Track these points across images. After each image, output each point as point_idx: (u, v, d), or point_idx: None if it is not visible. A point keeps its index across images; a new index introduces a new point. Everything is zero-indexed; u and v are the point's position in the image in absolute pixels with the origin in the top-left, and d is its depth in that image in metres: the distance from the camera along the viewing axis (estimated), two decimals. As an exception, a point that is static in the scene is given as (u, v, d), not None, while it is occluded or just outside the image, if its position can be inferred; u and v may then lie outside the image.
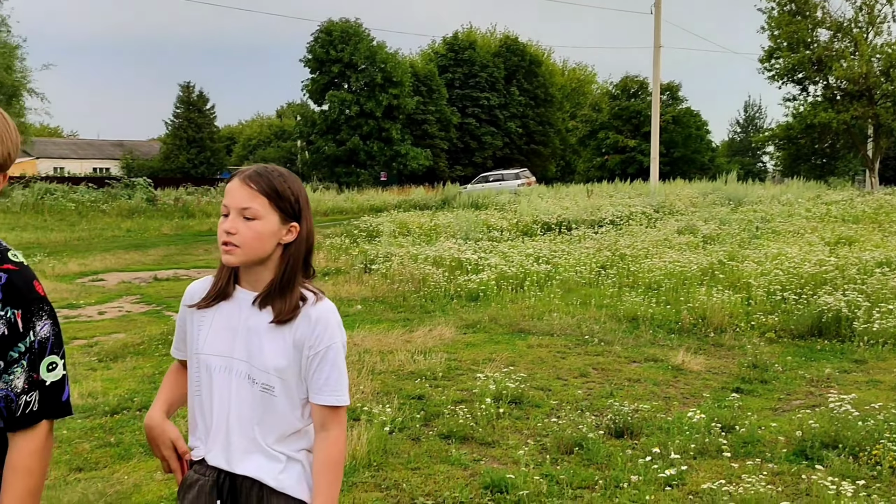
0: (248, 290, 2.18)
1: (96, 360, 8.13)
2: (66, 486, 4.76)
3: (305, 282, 2.21)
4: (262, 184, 2.11)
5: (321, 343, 2.13)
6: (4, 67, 33.93)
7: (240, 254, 2.10)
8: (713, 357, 7.85)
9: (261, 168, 2.16)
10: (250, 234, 2.09)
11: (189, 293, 2.27)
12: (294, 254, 2.18)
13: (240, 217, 2.09)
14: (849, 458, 4.86)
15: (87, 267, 16.53)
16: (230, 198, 2.11)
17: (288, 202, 2.14)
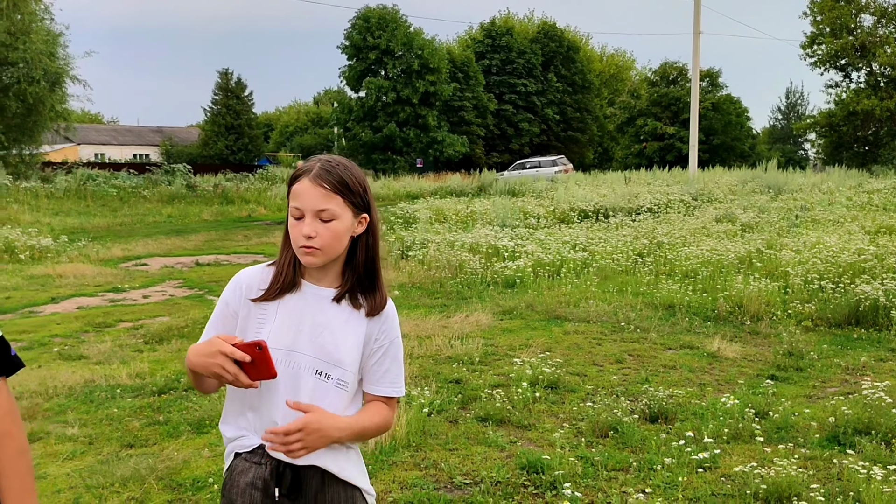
0: (313, 284, 2.15)
1: (143, 343, 8.37)
2: (118, 462, 4.96)
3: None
4: (334, 182, 2.06)
5: (387, 337, 2.17)
6: (48, 55, 34.38)
7: (321, 255, 2.08)
8: (749, 345, 7.88)
9: (326, 164, 2.09)
10: (330, 235, 2.06)
11: (245, 283, 2.17)
12: (373, 244, 2.17)
13: (316, 219, 2.05)
14: (881, 444, 4.91)
15: (130, 252, 16.87)
16: (304, 200, 2.06)
17: (358, 195, 2.11)
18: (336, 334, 2.11)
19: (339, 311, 2.14)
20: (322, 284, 2.16)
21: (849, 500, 4.07)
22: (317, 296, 2.14)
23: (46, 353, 7.97)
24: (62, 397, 6.37)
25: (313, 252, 2.06)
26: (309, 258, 2.07)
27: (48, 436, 5.47)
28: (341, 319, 2.13)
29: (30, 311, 10.36)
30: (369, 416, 2.16)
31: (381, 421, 2.17)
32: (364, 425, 2.13)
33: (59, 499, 4.45)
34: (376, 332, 2.16)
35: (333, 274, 2.16)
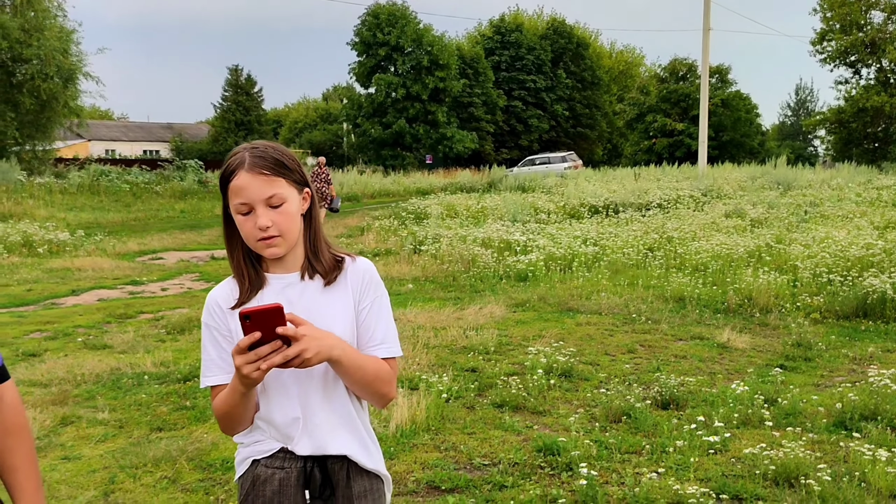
0: (282, 274, 2.07)
1: (164, 333, 8.57)
2: (149, 444, 5.15)
3: (332, 244, 2.15)
4: (271, 165, 1.98)
5: (369, 294, 2.09)
6: (61, 51, 34.59)
7: (283, 243, 1.99)
8: (758, 336, 8.03)
9: (255, 150, 2.00)
10: (285, 220, 1.98)
11: (219, 299, 2.08)
12: (315, 215, 2.11)
13: (267, 208, 1.96)
14: (886, 429, 5.07)
15: (145, 246, 17.09)
16: (249, 192, 1.95)
17: (297, 171, 2.04)
18: (325, 314, 2.02)
19: (316, 288, 2.06)
20: (290, 271, 2.08)
21: (854, 481, 4.23)
22: (290, 284, 2.06)
23: (71, 342, 8.17)
24: (90, 384, 6.56)
25: (274, 241, 1.97)
26: (272, 250, 1.99)
27: (80, 420, 5.66)
28: (322, 293, 2.06)
29: (52, 303, 10.57)
30: (366, 356, 2.04)
31: (378, 367, 2.04)
32: (363, 360, 2.01)
33: (95, 478, 4.64)
34: (359, 294, 2.08)
35: (297, 256, 2.08)
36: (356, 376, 1.99)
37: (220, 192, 2.04)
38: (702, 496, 4.06)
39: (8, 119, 33.19)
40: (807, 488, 4.13)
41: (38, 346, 7.99)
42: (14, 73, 33.42)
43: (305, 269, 2.07)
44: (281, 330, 1.79)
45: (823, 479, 4.19)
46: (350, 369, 1.96)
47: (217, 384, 2.03)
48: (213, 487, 4.49)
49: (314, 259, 2.07)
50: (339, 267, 2.09)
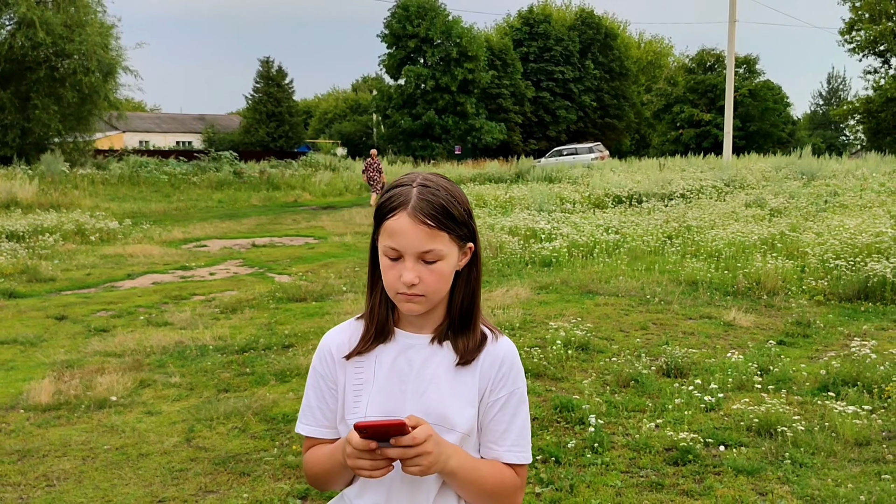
0: (412, 333, 1.83)
1: (218, 312, 9.40)
2: (218, 401, 5.96)
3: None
4: (439, 216, 1.71)
5: (506, 387, 1.80)
6: (102, 46, 35.67)
7: (425, 303, 1.75)
8: (763, 316, 8.70)
9: (425, 192, 1.73)
10: (435, 280, 1.73)
11: (333, 345, 1.87)
12: (474, 278, 1.84)
13: (419, 262, 1.72)
14: (864, 392, 5.75)
15: (189, 234, 17.98)
16: (404, 240, 1.70)
17: (464, 225, 1.77)
18: (443, 389, 1.78)
19: (445, 360, 1.80)
20: (423, 332, 1.83)
21: (825, 430, 4.94)
22: (416, 346, 1.81)
23: (135, 320, 9.02)
24: (158, 354, 7.39)
25: (416, 300, 1.74)
26: (410, 306, 1.75)
27: (155, 383, 6.49)
28: (449, 371, 1.79)
29: (111, 286, 11.45)
30: (488, 464, 1.79)
31: (501, 478, 1.78)
32: (483, 471, 1.76)
33: (176, 428, 5.45)
34: (491, 383, 1.79)
35: (435, 317, 1.82)
36: (472, 490, 1.75)
37: (373, 220, 1.80)
38: (692, 441, 4.79)
39: (51, 112, 34.32)
40: (782, 436, 4.85)
41: (106, 322, 8.86)
42: (57, 68, 34.53)
43: (440, 335, 1.81)
44: (397, 453, 1.61)
45: (798, 429, 4.90)
46: (465, 483, 1.74)
47: (311, 436, 1.88)
48: (277, 435, 5.28)
49: (460, 329, 1.80)
50: (482, 349, 1.81)
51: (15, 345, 7.91)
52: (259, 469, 4.72)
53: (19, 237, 15.47)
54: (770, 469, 4.52)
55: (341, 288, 10.63)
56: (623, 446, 4.93)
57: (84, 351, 7.58)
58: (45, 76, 34.14)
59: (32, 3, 33.33)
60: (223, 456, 4.92)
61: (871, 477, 4.40)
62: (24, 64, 34.04)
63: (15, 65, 34.04)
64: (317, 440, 1.87)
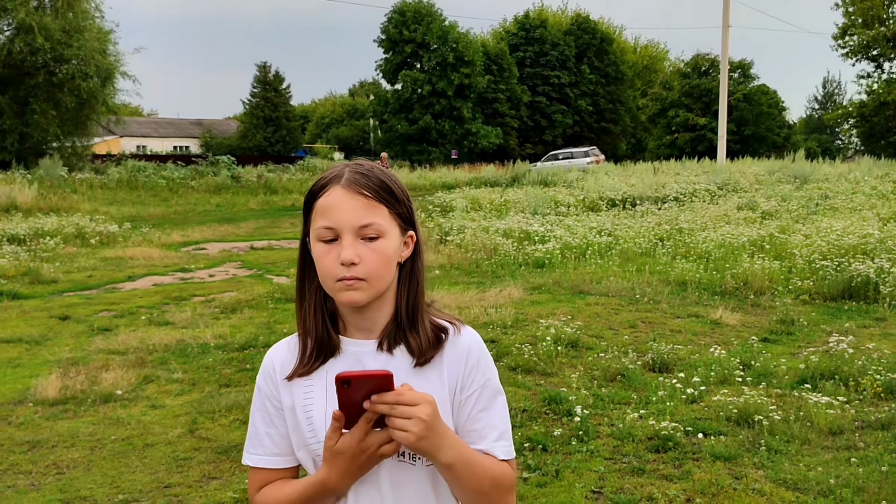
0: (360, 340, 1.64)
1: (218, 312, 9.62)
2: (220, 396, 6.18)
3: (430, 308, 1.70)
4: (375, 186, 1.58)
5: (476, 380, 1.64)
6: (100, 51, 35.91)
7: (367, 289, 1.56)
8: (749, 315, 8.94)
9: (359, 167, 1.61)
10: (377, 260, 1.56)
11: (277, 363, 1.68)
12: (419, 270, 1.67)
13: (357, 239, 1.55)
14: (840, 385, 5.99)
15: (188, 237, 18.20)
16: (339, 214, 1.55)
17: (404, 205, 1.64)
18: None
19: (402, 364, 1.61)
20: (371, 337, 1.64)
21: (801, 419, 5.18)
22: (368, 353, 1.63)
23: (136, 320, 9.24)
24: (160, 352, 7.61)
25: (356, 285, 1.54)
26: (351, 294, 1.55)
27: (158, 378, 6.71)
28: (409, 375, 1.61)
29: (112, 287, 11.67)
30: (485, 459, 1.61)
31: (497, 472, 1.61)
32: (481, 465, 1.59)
33: (180, 421, 5.68)
34: (460, 379, 1.63)
35: (382, 318, 1.64)
36: (470, 484, 1.58)
37: (302, 215, 1.65)
38: (673, 430, 5.02)
39: (50, 117, 34.57)
40: (759, 425, 5.09)
41: (109, 322, 9.08)
42: (55, 73, 34.77)
43: (388, 338, 1.63)
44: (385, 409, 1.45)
45: (775, 418, 5.14)
46: (462, 478, 1.56)
47: (260, 466, 1.67)
48: (277, 427, 5.49)
49: (408, 327, 1.63)
50: (439, 343, 1.64)
51: (20, 343, 8.12)
52: (260, 457, 4.93)
53: (20, 240, 15.68)
54: (746, 455, 4.75)
55: (338, 289, 10.83)
56: (607, 435, 5.16)
57: (88, 349, 7.80)
58: (43, 81, 34.38)
59: (31, 9, 33.59)
60: (225, 446, 5.15)
61: (841, 462, 4.63)
62: (22, 69, 34.28)
63: (13, 70, 34.28)
64: (268, 472, 1.66)
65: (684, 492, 4.30)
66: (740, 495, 4.23)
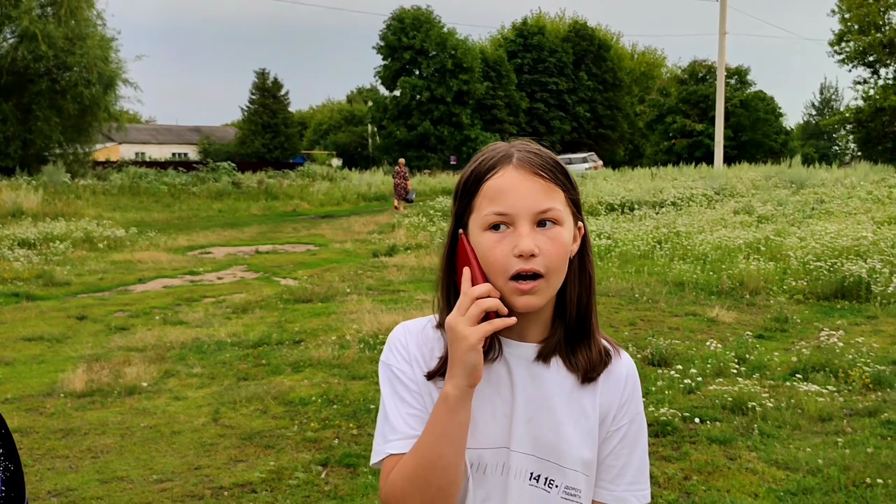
0: (514, 341, 1.44)
1: (229, 312, 9.92)
2: (239, 388, 6.48)
3: None
4: (552, 168, 1.41)
5: (629, 412, 1.49)
6: (102, 59, 36.23)
7: (545, 288, 1.37)
8: (745, 313, 9.25)
9: (528, 146, 1.44)
10: (556, 251, 1.37)
11: (416, 350, 1.47)
12: (589, 269, 1.47)
13: (534, 227, 1.36)
14: (831, 376, 6.30)
15: (193, 242, 18.50)
16: (516, 198, 1.36)
17: (577, 191, 1.46)
18: (559, 416, 1.44)
19: (559, 378, 1.45)
20: (529, 340, 1.45)
21: (792, 407, 5.48)
22: (521, 357, 1.44)
23: (151, 319, 9.54)
24: (178, 349, 7.91)
25: (536, 287, 1.35)
26: (528, 300, 1.36)
27: (178, 373, 7.01)
28: (564, 392, 1.45)
29: (123, 289, 11.96)
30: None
31: None
32: None
33: (203, 411, 5.97)
34: (615, 408, 1.48)
35: (540, 321, 1.45)
36: None
37: (455, 201, 1.46)
38: (671, 416, 5.32)
39: (53, 123, 34.89)
40: (753, 412, 5.39)
41: (125, 322, 9.38)
42: (58, 80, 35.08)
43: (552, 346, 1.44)
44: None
45: (768, 406, 5.45)
46: None
47: (395, 453, 1.40)
48: (295, 416, 5.80)
49: (577, 337, 1.45)
50: (607, 364, 1.47)
51: (42, 341, 8.42)
52: (282, 443, 5.24)
53: (30, 244, 15.99)
54: (740, 439, 5.06)
55: (345, 290, 11.13)
56: (610, 422, 5.45)
57: (108, 346, 8.10)
58: (46, 88, 34.69)
59: (34, 17, 33.93)
60: (248, 432, 5.44)
61: (830, 445, 4.94)
62: (25, 76, 34.61)
63: (17, 77, 34.60)
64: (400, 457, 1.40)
65: (682, 471, 4.60)
66: (734, 473, 4.54)
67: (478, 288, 1.34)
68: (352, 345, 7.69)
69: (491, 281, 1.36)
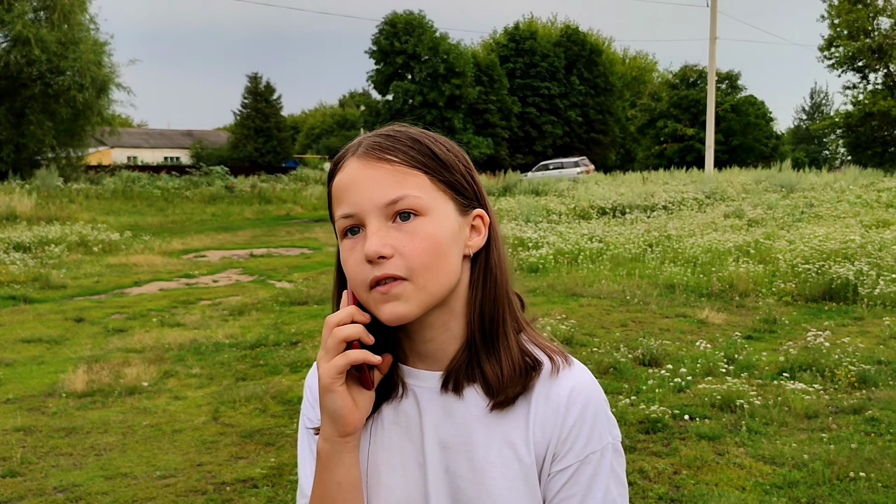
0: (421, 370, 1.21)
1: (227, 314, 10.03)
2: (237, 388, 6.59)
3: (525, 327, 1.24)
4: (405, 148, 1.15)
5: (573, 449, 1.14)
6: (95, 63, 36.27)
7: (414, 292, 1.11)
8: (735, 315, 9.40)
9: (389, 129, 1.20)
10: (419, 246, 1.11)
11: (313, 386, 1.27)
12: (496, 263, 1.20)
13: (386, 222, 1.12)
14: (817, 375, 6.44)
15: (188, 245, 18.59)
16: (357, 192, 1.13)
17: (457, 172, 1.18)
18: (480, 461, 1.16)
19: (476, 411, 1.17)
20: (435, 367, 1.20)
21: (779, 404, 5.63)
22: (431, 390, 1.20)
23: (148, 321, 9.64)
24: (176, 350, 8.02)
25: (397, 289, 1.10)
26: (394, 307, 1.11)
27: (178, 373, 7.12)
28: (485, 428, 1.16)
29: (120, 292, 12.06)
30: None
31: None
32: None
33: (203, 410, 6.09)
34: (553, 442, 1.15)
35: (451, 341, 1.19)
36: None
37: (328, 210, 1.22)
38: (662, 413, 5.46)
39: (46, 128, 34.94)
40: (741, 409, 5.53)
41: (122, 324, 9.48)
42: (51, 84, 35.13)
43: (456, 372, 1.17)
44: None
45: (755, 403, 5.59)
46: None
47: None
48: (294, 414, 5.91)
49: (483, 349, 1.17)
50: (528, 378, 1.16)
51: (41, 343, 8.51)
52: (282, 440, 5.36)
53: (26, 248, 16.06)
54: (729, 436, 5.20)
55: (340, 292, 11.23)
56: (602, 420, 5.58)
57: (106, 348, 8.20)
58: (39, 92, 34.74)
59: (28, 22, 33.98)
60: (248, 430, 5.56)
61: (815, 441, 5.08)
62: (18, 80, 34.66)
63: (10, 81, 34.66)
64: None
65: (672, 465, 4.74)
66: (722, 468, 4.67)
67: (335, 315, 1.12)
68: (348, 346, 7.79)
69: (356, 295, 1.14)
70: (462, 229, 1.17)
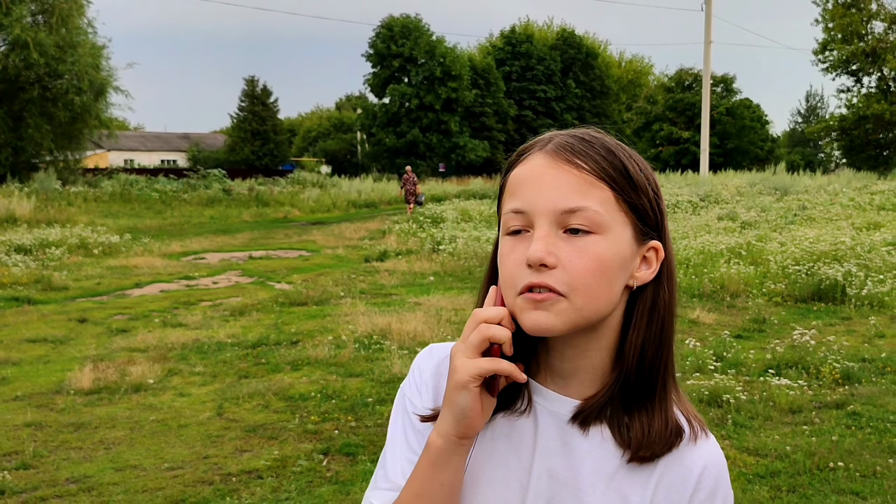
0: (554, 392, 1.12)
1: (227, 314, 10.21)
2: (240, 385, 6.78)
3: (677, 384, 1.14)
4: (598, 157, 1.06)
5: None
6: (93, 66, 36.43)
7: (567, 309, 1.02)
8: (725, 315, 9.61)
9: (583, 133, 1.11)
10: (584, 265, 1.02)
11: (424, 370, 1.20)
12: (665, 308, 1.10)
13: (556, 230, 1.04)
14: (803, 372, 6.65)
15: (187, 248, 18.77)
16: (534, 191, 1.06)
17: (644, 196, 1.08)
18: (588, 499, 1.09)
19: (601, 454, 1.10)
20: (571, 393, 1.11)
21: (764, 400, 5.83)
22: (556, 416, 1.11)
23: (151, 322, 9.82)
24: (179, 350, 8.20)
25: (548, 300, 1.02)
26: (539, 316, 1.02)
27: (181, 371, 7.31)
28: (602, 474, 1.09)
29: (121, 294, 12.24)
30: None
31: None
32: None
33: (207, 406, 6.27)
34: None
35: (593, 371, 1.11)
36: None
37: (496, 208, 1.16)
38: (651, 408, 5.65)
39: (44, 131, 35.07)
40: (727, 404, 5.74)
41: (125, 324, 9.66)
42: (49, 88, 35.27)
43: (598, 405, 1.09)
44: None
45: (741, 398, 5.79)
46: None
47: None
48: (296, 410, 6.11)
49: (637, 397, 1.08)
50: (677, 441, 1.08)
51: (46, 343, 8.69)
52: (284, 434, 5.55)
53: (27, 250, 16.23)
54: (715, 429, 5.39)
55: (339, 293, 11.44)
56: (593, 415, 5.79)
57: (111, 347, 8.38)
58: (37, 96, 34.85)
59: (26, 25, 34.12)
60: (252, 425, 5.75)
61: (798, 434, 5.28)
62: (17, 84, 34.79)
63: (8, 85, 34.78)
64: None
65: (660, 457, 4.93)
66: (708, 459, 4.86)
67: (488, 310, 1.05)
68: (347, 345, 8.00)
69: (504, 296, 1.06)
70: (633, 258, 1.07)
